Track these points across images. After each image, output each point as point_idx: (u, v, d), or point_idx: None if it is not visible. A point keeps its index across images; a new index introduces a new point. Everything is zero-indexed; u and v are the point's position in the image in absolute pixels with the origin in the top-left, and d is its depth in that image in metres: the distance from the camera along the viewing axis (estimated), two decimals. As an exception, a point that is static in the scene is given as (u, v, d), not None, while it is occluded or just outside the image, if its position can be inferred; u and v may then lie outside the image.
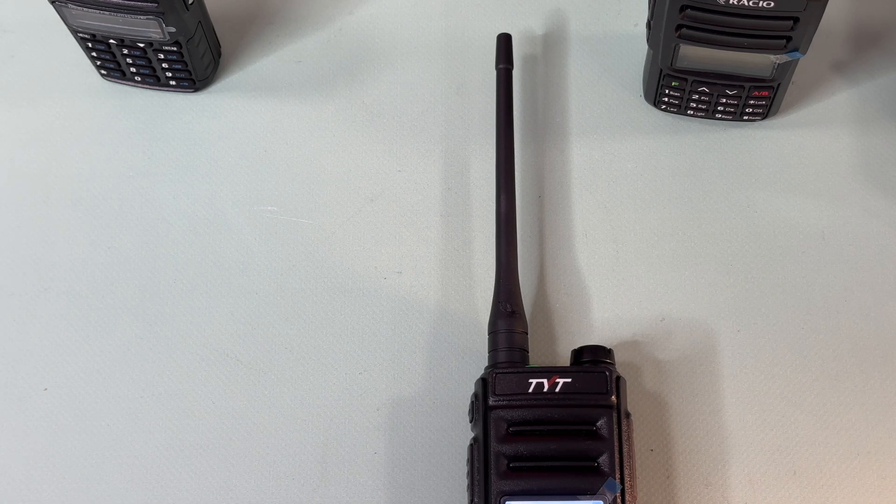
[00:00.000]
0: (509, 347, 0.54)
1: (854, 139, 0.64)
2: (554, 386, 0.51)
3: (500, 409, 0.51)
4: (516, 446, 0.51)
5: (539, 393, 0.51)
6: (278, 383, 0.58)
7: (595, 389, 0.51)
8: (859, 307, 0.59)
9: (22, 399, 0.58)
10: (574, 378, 0.51)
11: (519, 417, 0.51)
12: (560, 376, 0.51)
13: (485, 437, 0.51)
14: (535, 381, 0.51)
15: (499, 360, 0.54)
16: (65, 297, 0.61)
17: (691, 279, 0.59)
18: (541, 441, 0.51)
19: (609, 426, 0.51)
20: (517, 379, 0.52)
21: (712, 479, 0.55)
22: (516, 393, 0.51)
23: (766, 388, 0.57)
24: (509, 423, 0.51)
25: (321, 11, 0.70)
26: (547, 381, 0.51)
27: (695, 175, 0.63)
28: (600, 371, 0.52)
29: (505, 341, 0.54)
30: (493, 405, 0.51)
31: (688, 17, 0.55)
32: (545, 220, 0.62)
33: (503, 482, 0.50)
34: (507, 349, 0.54)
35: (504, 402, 0.51)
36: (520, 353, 0.54)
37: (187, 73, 0.65)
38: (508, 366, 0.53)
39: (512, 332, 0.54)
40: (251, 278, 0.61)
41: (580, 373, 0.52)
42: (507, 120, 0.61)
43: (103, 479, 0.56)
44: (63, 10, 0.60)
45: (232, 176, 0.64)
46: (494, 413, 0.51)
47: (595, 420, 0.51)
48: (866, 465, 0.55)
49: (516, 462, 0.50)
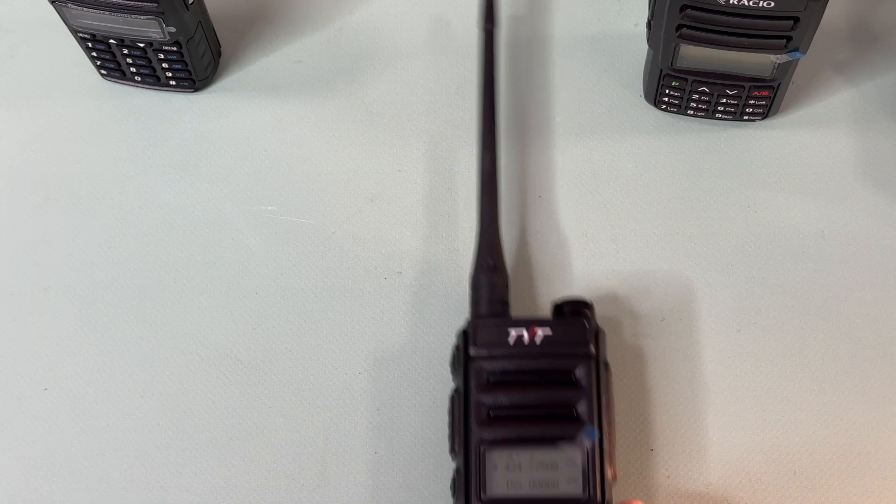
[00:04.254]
0: (490, 300, 0.55)
1: (854, 139, 0.64)
2: (534, 337, 0.52)
3: (480, 360, 0.52)
4: (496, 396, 0.51)
5: (519, 344, 0.52)
6: (278, 383, 0.58)
7: (574, 340, 0.52)
8: (859, 307, 0.59)
9: (22, 399, 0.58)
10: (554, 329, 0.52)
11: (499, 368, 0.52)
12: (540, 327, 0.52)
13: (465, 387, 0.52)
14: (516, 332, 0.52)
15: (480, 313, 0.55)
16: (65, 297, 0.61)
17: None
18: (521, 390, 0.51)
19: (587, 376, 0.51)
20: (498, 330, 0.52)
21: (712, 480, 0.55)
22: (497, 344, 0.52)
23: (766, 387, 0.57)
24: (490, 373, 0.52)
25: (321, 11, 0.70)
26: (527, 332, 0.52)
27: (695, 175, 0.63)
28: (579, 322, 0.52)
29: (486, 294, 0.55)
30: (473, 356, 0.52)
31: (688, 17, 0.55)
32: (541, 218, 0.62)
33: (484, 430, 0.50)
34: (488, 301, 0.55)
35: (485, 352, 0.52)
36: (501, 306, 0.55)
37: (187, 73, 0.65)
38: (489, 318, 0.54)
39: (493, 284, 0.55)
40: (251, 278, 0.61)
41: (560, 324, 0.52)
42: (489, 79, 0.61)
43: (103, 479, 0.56)
44: (63, 10, 0.60)
45: (232, 176, 0.64)
46: (475, 363, 0.52)
47: (574, 370, 0.52)
48: (866, 465, 0.55)
49: (497, 411, 0.51)
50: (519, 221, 0.62)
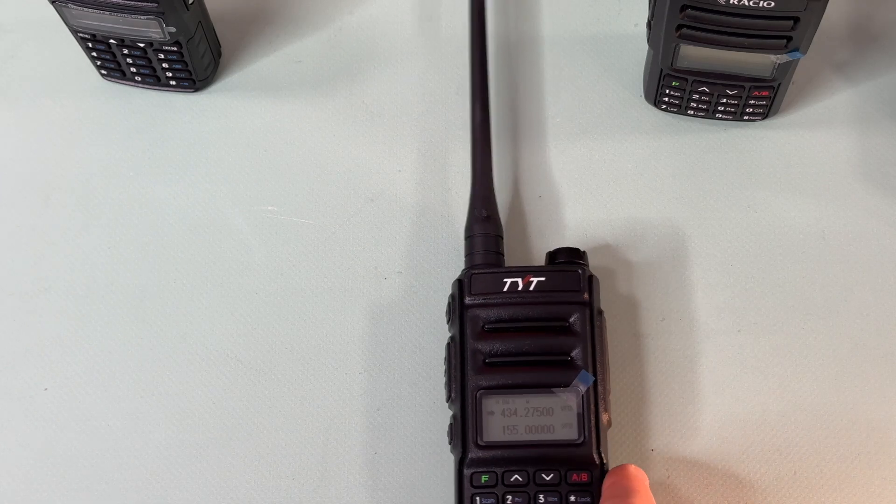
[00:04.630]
0: (485, 250, 0.56)
1: (854, 139, 0.64)
2: (528, 285, 0.53)
3: (475, 308, 0.53)
4: (492, 343, 0.52)
5: (514, 291, 0.53)
6: (278, 383, 0.58)
7: (568, 287, 0.53)
8: (859, 307, 0.59)
9: (22, 399, 0.58)
10: (548, 277, 0.53)
11: (494, 315, 0.53)
12: (534, 275, 0.53)
13: (461, 335, 0.52)
14: (510, 281, 0.53)
15: (474, 263, 0.55)
16: (65, 297, 0.61)
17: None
18: (516, 337, 0.52)
19: (582, 322, 0.52)
20: (492, 279, 0.53)
21: (712, 480, 0.55)
22: (491, 292, 0.53)
23: (766, 387, 0.57)
24: (485, 321, 0.52)
25: (321, 11, 0.70)
26: (521, 280, 0.53)
27: (695, 175, 0.63)
28: (573, 270, 0.53)
29: (480, 244, 0.56)
30: (468, 304, 0.53)
31: (688, 17, 0.55)
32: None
33: (479, 377, 0.51)
34: (482, 252, 0.56)
35: (479, 301, 0.53)
36: (495, 256, 0.56)
37: (187, 73, 0.65)
38: (484, 267, 0.55)
39: (487, 235, 0.56)
40: (251, 278, 0.61)
41: (554, 272, 0.53)
42: (479, 32, 0.62)
43: (103, 479, 0.56)
44: (63, 10, 0.60)
45: (232, 176, 0.64)
46: (470, 312, 0.53)
47: (568, 316, 0.52)
48: (866, 465, 0.55)
49: (492, 358, 0.52)
50: (519, 220, 0.62)
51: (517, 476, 0.50)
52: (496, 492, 0.50)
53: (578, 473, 0.50)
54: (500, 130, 0.64)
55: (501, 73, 0.67)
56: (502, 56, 0.67)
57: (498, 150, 0.63)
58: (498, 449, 0.50)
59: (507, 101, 0.66)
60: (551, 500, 0.50)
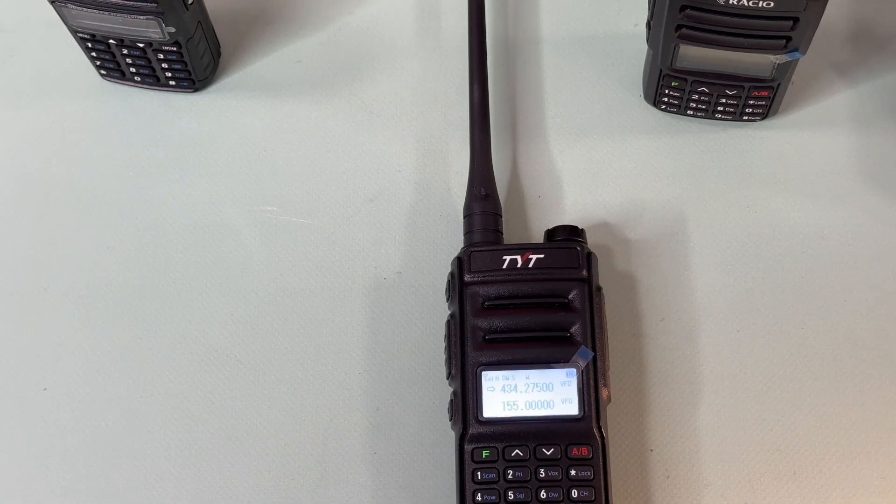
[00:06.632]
0: (484, 228, 0.56)
1: (854, 139, 0.64)
2: (527, 262, 0.53)
3: (475, 285, 0.53)
4: (491, 320, 0.52)
5: (513, 268, 0.53)
6: (278, 383, 0.58)
7: (567, 264, 0.53)
8: (859, 307, 0.59)
9: (22, 399, 0.58)
10: (546, 254, 0.53)
11: (493, 292, 0.53)
12: (533, 253, 0.53)
13: (461, 312, 0.53)
14: (509, 258, 0.53)
15: (474, 241, 0.56)
16: (65, 297, 0.61)
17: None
18: (515, 314, 0.52)
19: (581, 298, 0.52)
20: (491, 256, 0.53)
21: (712, 480, 0.55)
22: (491, 269, 0.53)
23: (766, 388, 0.57)
24: (484, 298, 0.53)
25: (321, 11, 0.70)
26: (520, 258, 0.53)
27: (694, 175, 0.63)
28: (572, 247, 0.54)
29: (479, 223, 0.56)
30: (468, 282, 0.53)
31: (688, 17, 0.55)
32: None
33: (479, 353, 0.52)
34: (481, 230, 0.56)
35: (479, 278, 0.53)
36: (494, 234, 0.56)
37: (187, 73, 0.65)
38: (483, 245, 0.55)
39: (486, 213, 0.56)
40: (251, 278, 0.61)
41: (553, 248, 0.53)
42: (478, 10, 0.62)
43: (103, 479, 0.56)
44: (63, 10, 0.60)
45: (232, 176, 0.64)
46: (470, 289, 0.53)
47: (567, 293, 0.53)
48: (866, 465, 0.55)
49: (492, 334, 0.52)
50: (519, 219, 0.62)
51: (518, 451, 0.51)
52: (497, 467, 0.51)
53: (579, 448, 0.51)
54: (499, 130, 0.64)
55: (501, 74, 0.67)
56: (501, 56, 0.67)
57: (498, 149, 0.63)
58: (498, 424, 0.51)
59: (507, 101, 0.66)
60: (552, 475, 0.50)
